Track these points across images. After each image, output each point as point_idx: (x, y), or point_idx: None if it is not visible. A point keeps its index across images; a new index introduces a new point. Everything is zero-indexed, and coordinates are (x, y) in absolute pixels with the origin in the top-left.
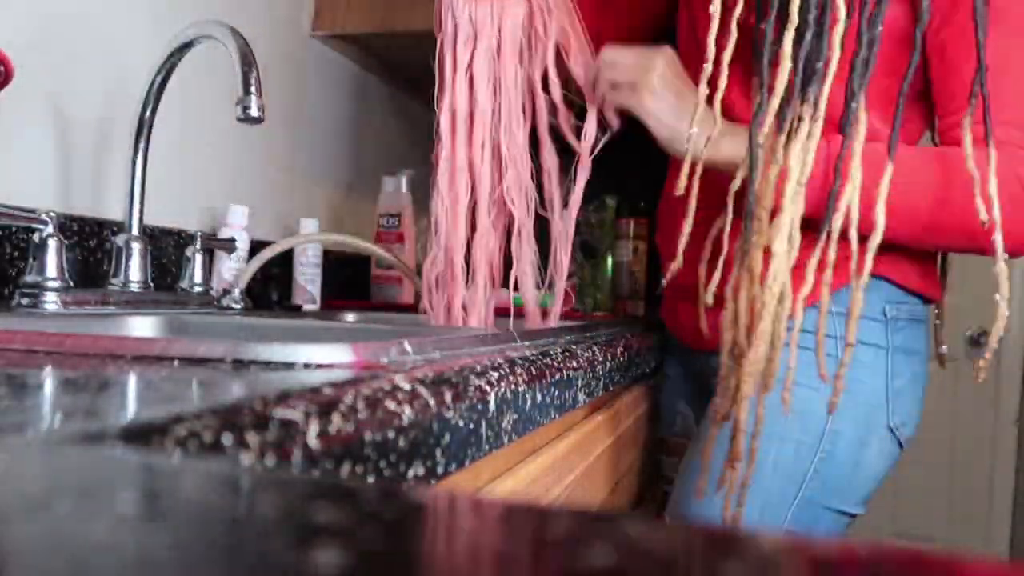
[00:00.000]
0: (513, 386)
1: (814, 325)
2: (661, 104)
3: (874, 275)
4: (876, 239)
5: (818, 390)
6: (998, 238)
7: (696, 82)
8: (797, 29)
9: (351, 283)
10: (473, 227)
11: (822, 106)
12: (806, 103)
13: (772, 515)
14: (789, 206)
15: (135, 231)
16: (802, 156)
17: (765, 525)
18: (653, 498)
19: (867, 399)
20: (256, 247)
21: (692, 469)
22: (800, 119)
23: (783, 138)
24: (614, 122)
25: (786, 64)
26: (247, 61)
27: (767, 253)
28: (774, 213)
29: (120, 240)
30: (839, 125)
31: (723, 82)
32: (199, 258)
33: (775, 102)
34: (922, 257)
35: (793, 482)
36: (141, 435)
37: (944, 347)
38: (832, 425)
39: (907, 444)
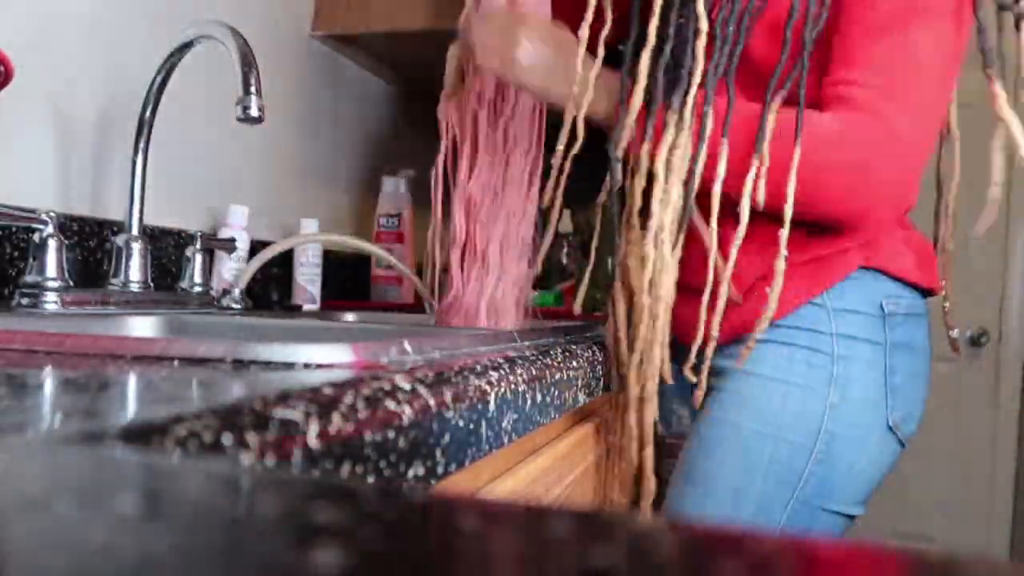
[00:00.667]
0: (513, 386)
1: (809, 322)
2: (531, 77)
3: (870, 267)
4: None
5: (813, 389)
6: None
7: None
8: (657, 47)
9: (351, 283)
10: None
11: (687, 115)
12: (671, 110)
13: (766, 517)
14: (655, 212)
15: (135, 231)
16: (668, 162)
17: (759, 527)
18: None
19: (864, 397)
20: (256, 247)
21: (687, 471)
22: (665, 125)
23: (646, 146)
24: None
25: (642, 80)
26: (247, 61)
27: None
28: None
29: (120, 240)
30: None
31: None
32: (199, 258)
33: (630, 118)
34: (920, 247)
35: (787, 484)
36: (141, 435)
37: (955, 331)
38: (827, 425)
39: (908, 443)
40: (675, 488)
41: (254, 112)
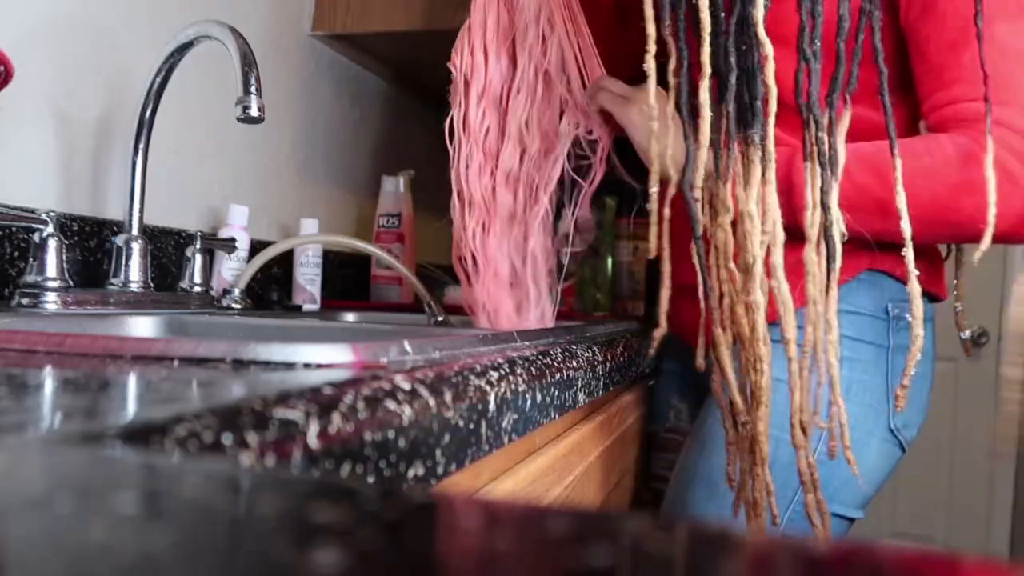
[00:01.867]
0: (513, 386)
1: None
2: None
3: (876, 270)
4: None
5: (813, 391)
6: (989, 221)
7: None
8: (715, 75)
9: (351, 283)
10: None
11: (770, 147)
12: (752, 145)
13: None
14: (758, 255)
15: (135, 231)
16: (760, 201)
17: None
18: (647, 496)
19: (866, 400)
20: (256, 247)
21: (688, 471)
22: (750, 161)
23: (728, 186)
24: (597, 127)
25: (706, 113)
26: (247, 61)
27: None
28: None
29: (120, 240)
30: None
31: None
32: (199, 258)
33: (703, 153)
34: (928, 253)
35: (788, 486)
36: (141, 435)
37: (966, 332)
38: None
39: (909, 446)
40: (675, 488)
41: (254, 112)
